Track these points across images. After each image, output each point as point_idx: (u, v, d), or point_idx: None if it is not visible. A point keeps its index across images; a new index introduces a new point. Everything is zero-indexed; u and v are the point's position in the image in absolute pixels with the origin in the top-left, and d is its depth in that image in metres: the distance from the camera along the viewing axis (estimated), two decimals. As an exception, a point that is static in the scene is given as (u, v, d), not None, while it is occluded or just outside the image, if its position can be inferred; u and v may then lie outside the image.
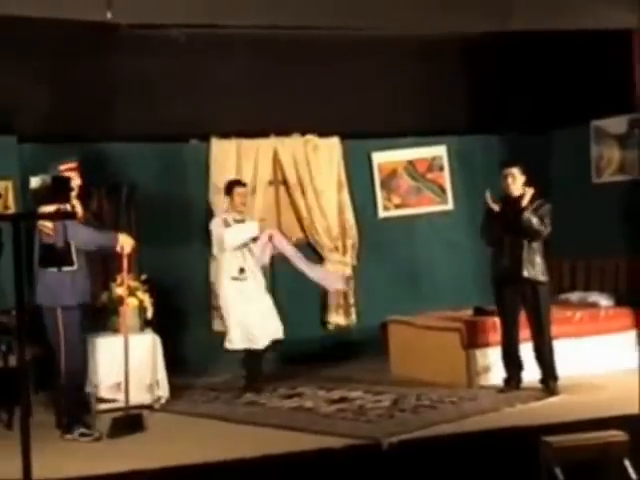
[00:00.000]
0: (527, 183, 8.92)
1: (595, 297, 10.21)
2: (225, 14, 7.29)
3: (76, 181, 7.98)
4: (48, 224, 7.65)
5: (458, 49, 11.22)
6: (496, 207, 8.86)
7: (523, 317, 8.99)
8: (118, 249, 8.08)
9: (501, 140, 11.66)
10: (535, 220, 8.74)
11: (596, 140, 11.14)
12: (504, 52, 10.89)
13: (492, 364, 9.28)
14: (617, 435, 6.41)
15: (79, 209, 8.09)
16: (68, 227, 7.67)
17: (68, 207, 7.22)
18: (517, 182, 8.90)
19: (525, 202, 8.79)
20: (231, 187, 9.67)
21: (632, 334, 10.00)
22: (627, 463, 6.28)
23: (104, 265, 9.36)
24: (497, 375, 9.17)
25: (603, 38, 9.34)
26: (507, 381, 9.04)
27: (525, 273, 8.79)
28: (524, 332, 9.01)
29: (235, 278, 9.49)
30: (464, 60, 11.49)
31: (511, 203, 8.88)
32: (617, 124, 10.85)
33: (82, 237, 7.86)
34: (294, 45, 10.43)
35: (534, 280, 8.82)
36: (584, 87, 10.83)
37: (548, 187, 10.92)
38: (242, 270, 9.50)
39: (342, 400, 8.87)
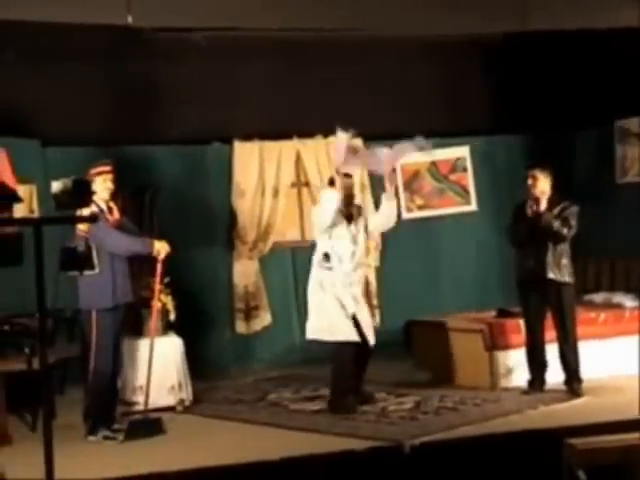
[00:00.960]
0: (552, 184, 8.92)
1: (620, 298, 10.12)
2: (242, 17, 7.32)
3: (108, 184, 8.04)
4: (83, 227, 7.70)
5: (480, 49, 11.19)
6: (530, 210, 8.87)
7: (547, 319, 8.98)
8: (154, 254, 8.11)
9: (524, 140, 11.64)
10: (556, 223, 8.73)
11: (620, 140, 11.10)
12: (526, 52, 10.86)
13: (515, 366, 9.24)
14: (641, 438, 6.37)
15: (116, 213, 8.14)
16: (95, 231, 7.69)
17: (88, 210, 7.25)
18: (539, 184, 8.89)
19: (543, 205, 8.80)
20: (333, 179, 8.98)
21: (657, 335, 9.94)
22: (652, 466, 6.23)
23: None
24: (520, 377, 9.14)
25: (627, 37, 9.29)
26: (531, 383, 9.01)
27: (550, 275, 8.78)
28: (547, 334, 9.02)
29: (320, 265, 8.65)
30: (486, 60, 11.46)
31: (536, 205, 8.89)
32: (642, 124, 10.82)
33: (113, 242, 7.88)
34: (316, 47, 10.43)
35: (559, 282, 8.81)
36: (608, 87, 10.79)
37: (571, 187, 10.89)
38: (326, 256, 8.65)
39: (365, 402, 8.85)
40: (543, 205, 8.84)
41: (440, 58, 11.39)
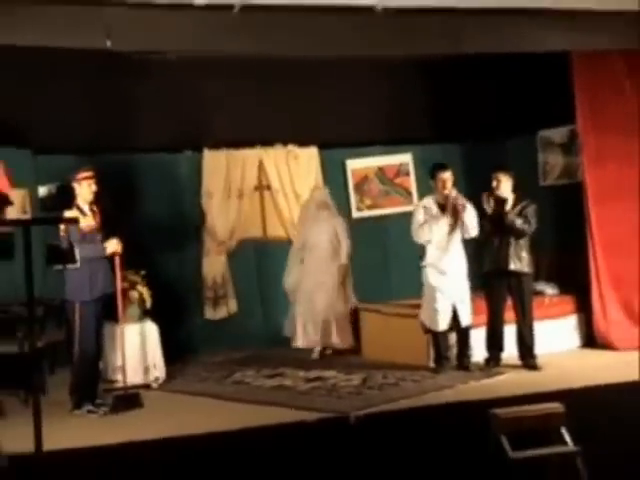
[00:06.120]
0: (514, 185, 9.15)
1: (542, 286, 10.25)
2: (212, 40, 7.41)
3: (92, 187, 8.10)
4: (63, 228, 7.78)
5: (423, 69, 11.28)
6: (489, 208, 9.07)
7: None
8: (108, 254, 8.19)
9: (460, 148, 11.81)
10: (519, 221, 8.97)
11: (542, 148, 11.29)
12: (462, 70, 10.97)
13: (451, 346, 9.41)
14: (555, 407, 6.50)
15: (95, 217, 8.15)
16: (72, 233, 7.80)
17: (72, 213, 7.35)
18: (503, 185, 9.10)
19: (508, 207, 9.02)
20: (433, 171, 9.26)
21: (573, 319, 10.19)
22: (564, 431, 6.38)
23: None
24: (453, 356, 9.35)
25: (550, 58, 9.48)
26: (488, 361, 9.22)
27: (512, 266, 9.00)
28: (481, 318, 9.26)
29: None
30: (428, 78, 11.55)
31: (500, 204, 9.09)
32: (560, 134, 11.01)
33: (81, 250, 7.94)
34: (278, 65, 10.49)
35: (520, 272, 9.04)
36: (533, 101, 10.94)
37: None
38: (421, 258, 9.19)
39: (317, 379, 9.02)
40: (509, 205, 9.03)
41: (388, 75, 11.45)
